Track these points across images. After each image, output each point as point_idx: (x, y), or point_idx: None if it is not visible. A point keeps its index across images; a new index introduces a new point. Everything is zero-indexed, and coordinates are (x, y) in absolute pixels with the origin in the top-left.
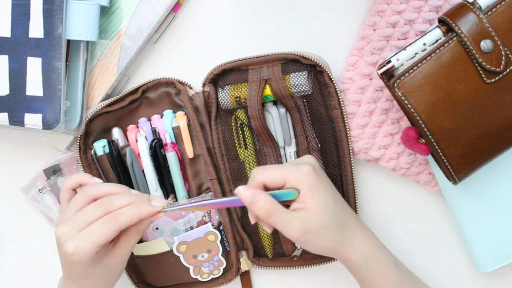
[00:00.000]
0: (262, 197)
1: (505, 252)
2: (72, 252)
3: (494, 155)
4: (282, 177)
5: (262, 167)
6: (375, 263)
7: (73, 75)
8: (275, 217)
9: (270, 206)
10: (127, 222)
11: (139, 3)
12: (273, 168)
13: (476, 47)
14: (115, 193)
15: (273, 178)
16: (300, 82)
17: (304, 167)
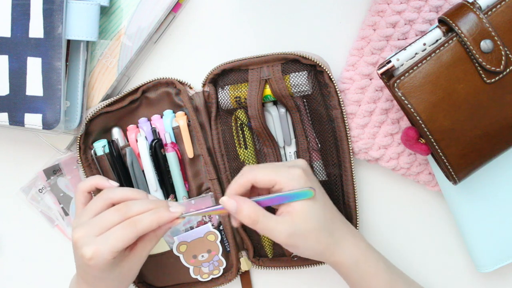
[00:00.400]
0: (246, 205)
1: (505, 252)
2: (90, 257)
3: (494, 155)
4: (273, 179)
5: (253, 166)
6: (365, 264)
7: (73, 75)
8: (260, 224)
9: (254, 214)
10: (146, 228)
11: (139, 3)
12: (264, 169)
13: (476, 47)
14: (133, 198)
15: (264, 178)
16: (300, 82)
17: (295, 171)
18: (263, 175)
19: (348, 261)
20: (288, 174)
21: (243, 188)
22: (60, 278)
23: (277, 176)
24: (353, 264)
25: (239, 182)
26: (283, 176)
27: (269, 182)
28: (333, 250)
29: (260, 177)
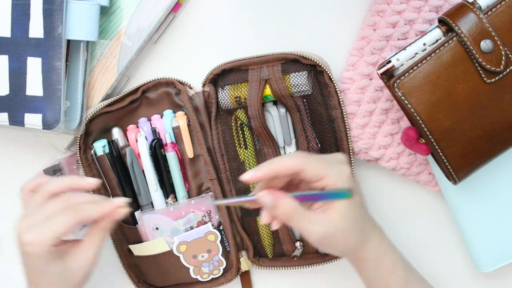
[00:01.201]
0: (283, 202)
1: (505, 252)
2: (28, 242)
3: (494, 155)
4: (324, 173)
5: (304, 154)
6: (386, 261)
7: (73, 75)
8: (295, 222)
9: (290, 212)
10: (87, 215)
11: (139, 3)
12: (316, 160)
13: (476, 47)
14: (72, 187)
15: (315, 169)
16: (300, 82)
17: (345, 169)
18: (315, 166)
19: (371, 256)
20: (338, 171)
21: (288, 171)
22: None
23: (328, 171)
24: (375, 260)
25: (288, 165)
26: (333, 172)
27: (317, 175)
28: (361, 247)
29: (312, 167)
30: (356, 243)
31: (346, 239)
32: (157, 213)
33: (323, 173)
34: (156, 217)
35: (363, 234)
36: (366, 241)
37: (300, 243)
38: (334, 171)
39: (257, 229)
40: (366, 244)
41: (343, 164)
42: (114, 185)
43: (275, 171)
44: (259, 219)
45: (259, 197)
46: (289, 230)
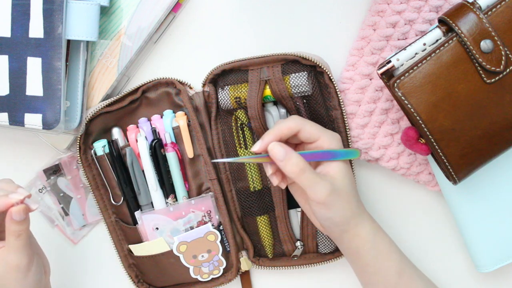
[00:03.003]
0: (294, 155)
1: (505, 252)
2: None
3: (494, 155)
4: (319, 133)
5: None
6: (381, 241)
7: (73, 75)
8: (306, 175)
9: (302, 164)
10: None
11: (139, 3)
12: (311, 123)
13: (476, 47)
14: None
15: (311, 130)
16: (300, 83)
17: (337, 136)
18: (311, 127)
19: (368, 234)
20: (331, 134)
21: (289, 131)
22: (60, 278)
23: (323, 132)
24: (371, 239)
25: (288, 125)
26: (327, 134)
27: (314, 135)
28: (358, 219)
29: (308, 128)
30: (354, 212)
31: (348, 201)
32: (157, 213)
33: (318, 134)
34: (156, 217)
35: (359, 206)
36: (362, 215)
37: (301, 243)
38: (327, 133)
39: (257, 229)
40: (362, 218)
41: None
42: (114, 185)
43: (278, 134)
44: (259, 219)
45: (272, 146)
46: (289, 230)
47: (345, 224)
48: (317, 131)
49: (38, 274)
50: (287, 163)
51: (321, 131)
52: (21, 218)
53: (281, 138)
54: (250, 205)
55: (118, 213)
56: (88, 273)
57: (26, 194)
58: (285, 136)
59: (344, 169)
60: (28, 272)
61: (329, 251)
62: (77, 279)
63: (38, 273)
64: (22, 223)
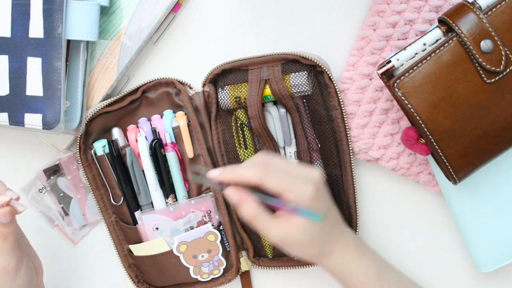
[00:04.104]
0: (247, 205)
1: (505, 252)
2: None
3: (494, 155)
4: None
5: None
6: (353, 274)
7: (73, 75)
8: (258, 222)
9: (253, 215)
10: None
11: (139, 3)
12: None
13: (476, 47)
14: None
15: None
16: (300, 83)
17: (308, 190)
18: (275, 182)
19: (336, 269)
20: (300, 191)
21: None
22: (60, 278)
23: (290, 187)
24: (339, 274)
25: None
26: (295, 191)
27: (277, 191)
28: (323, 259)
29: (272, 183)
30: (313, 255)
31: (303, 251)
32: (157, 213)
33: (282, 190)
34: (156, 217)
35: (322, 249)
36: (327, 255)
37: None
38: (295, 189)
39: None
40: (328, 257)
41: (308, 183)
42: (114, 185)
43: (236, 180)
44: None
45: (227, 193)
46: None
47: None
48: (282, 187)
49: (28, 276)
50: (240, 208)
51: (287, 186)
52: (6, 221)
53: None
54: None
55: (118, 213)
56: (88, 273)
57: (12, 196)
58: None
59: (306, 224)
60: (17, 274)
61: None
62: (77, 279)
63: (28, 275)
64: (9, 225)
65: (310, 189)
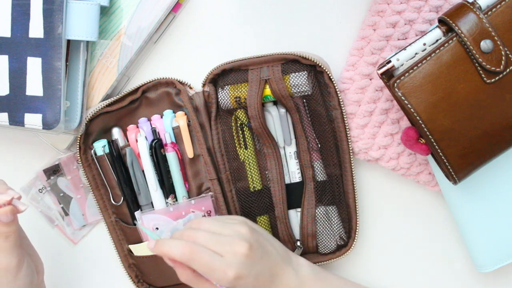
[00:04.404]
0: (181, 269)
1: (505, 252)
2: None
3: (494, 155)
4: (206, 274)
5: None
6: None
7: (73, 75)
8: (192, 285)
9: (186, 277)
10: None
11: (139, 3)
12: (204, 256)
13: (476, 47)
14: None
15: (198, 267)
16: (300, 83)
17: (230, 273)
18: (198, 268)
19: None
20: (222, 276)
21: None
22: (60, 278)
23: (212, 275)
24: None
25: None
26: (216, 277)
27: (202, 272)
28: None
29: (195, 268)
30: None
31: None
32: (157, 213)
33: (205, 274)
34: (156, 217)
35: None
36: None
37: (300, 243)
38: (217, 274)
39: None
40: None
41: (231, 267)
42: (114, 185)
43: (165, 256)
44: (259, 219)
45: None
46: (289, 230)
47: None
48: (204, 272)
49: (29, 275)
50: (176, 272)
51: (210, 272)
52: (8, 220)
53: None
54: (250, 205)
55: (118, 213)
56: (88, 273)
57: (14, 196)
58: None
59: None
60: (18, 273)
61: (329, 251)
62: (77, 279)
63: (29, 274)
64: (10, 224)
65: (231, 274)
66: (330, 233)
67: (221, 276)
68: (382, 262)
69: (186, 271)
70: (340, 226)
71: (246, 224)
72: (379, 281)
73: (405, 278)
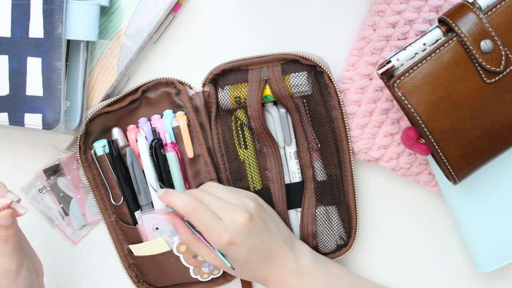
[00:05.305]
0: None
1: (505, 252)
2: None
3: (494, 155)
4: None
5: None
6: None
7: (73, 75)
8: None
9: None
10: None
11: (139, 3)
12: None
13: (476, 47)
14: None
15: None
16: (300, 83)
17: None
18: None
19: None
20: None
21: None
22: (60, 278)
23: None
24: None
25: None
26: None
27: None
28: (263, 281)
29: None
30: (250, 277)
31: (239, 274)
32: (157, 213)
33: (203, 231)
34: (156, 217)
35: (255, 277)
36: (266, 280)
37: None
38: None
39: None
40: (266, 281)
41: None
42: (114, 185)
43: (170, 205)
44: None
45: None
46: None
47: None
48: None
49: (29, 278)
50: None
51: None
52: (7, 223)
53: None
54: None
55: (118, 213)
56: (88, 273)
57: (14, 199)
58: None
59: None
60: (17, 276)
61: (329, 251)
62: (77, 279)
63: (29, 277)
64: (9, 228)
65: (226, 238)
66: (330, 233)
67: (216, 237)
68: (382, 262)
69: (186, 231)
70: (340, 226)
71: (256, 200)
72: (379, 281)
73: (405, 278)
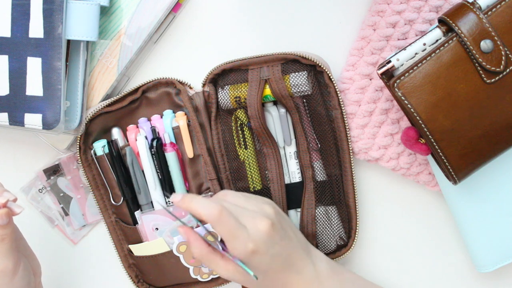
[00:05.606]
0: (193, 245)
1: (505, 252)
2: None
3: (494, 155)
4: (226, 240)
5: (226, 205)
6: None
7: (73, 75)
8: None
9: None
10: None
11: (139, 3)
12: (230, 224)
13: (476, 47)
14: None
15: (221, 231)
16: (300, 82)
17: (248, 247)
18: (221, 232)
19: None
20: (241, 246)
21: (201, 218)
22: (60, 278)
23: (231, 243)
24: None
25: (201, 214)
26: (234, 247)
27: (223, 236)
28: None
29: (218, 231)
30: (268, 287)
31: (257, 284)
32: (157, 213)
33: (226, 240)
34: (156, 217)
35: (274, 284)
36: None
37: None
38: (236, 243)
39: None
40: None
41: (249, 240)
42: (114, 185)
43: (190, 212)
44: None
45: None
46: None
47: None
48: (226, 237)
49: (26, 278)
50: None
51: (231, 238)
52: (3, 222)
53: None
54: None
55: (118, 213)
56: (88, 273)
57: (10, 198)
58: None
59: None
60: (14, 276)
61: (329, 251)
62: (77, 279)
63: (26, 277)
64: (6, 227)
65: (251, 246)
66: (330, 233)
67: (241, 246)
68: (382, 262)
69: (202, 244)
70: (340, 226)
71: (272, 205)
72: (379, 281)
73: (405, 278)
